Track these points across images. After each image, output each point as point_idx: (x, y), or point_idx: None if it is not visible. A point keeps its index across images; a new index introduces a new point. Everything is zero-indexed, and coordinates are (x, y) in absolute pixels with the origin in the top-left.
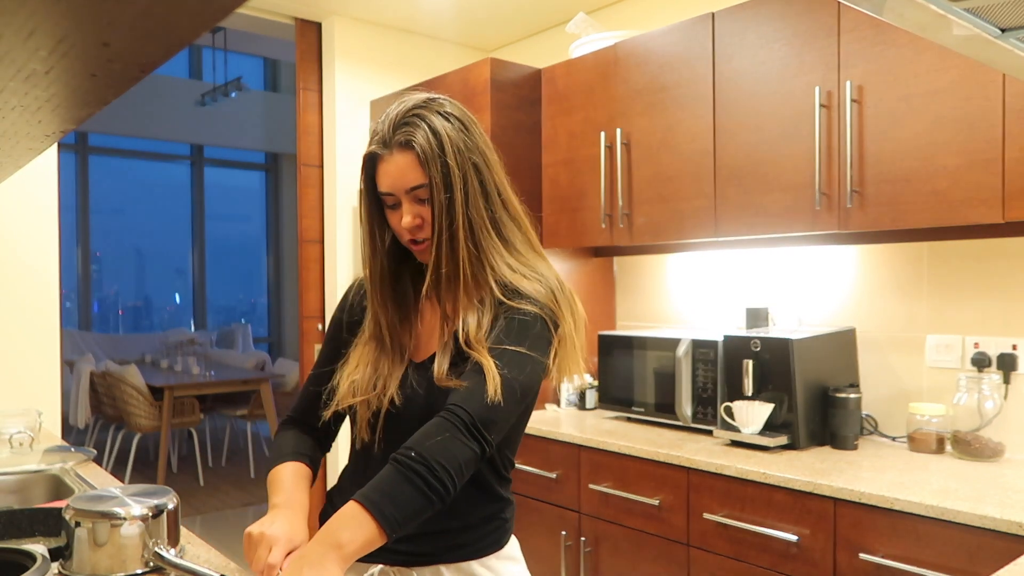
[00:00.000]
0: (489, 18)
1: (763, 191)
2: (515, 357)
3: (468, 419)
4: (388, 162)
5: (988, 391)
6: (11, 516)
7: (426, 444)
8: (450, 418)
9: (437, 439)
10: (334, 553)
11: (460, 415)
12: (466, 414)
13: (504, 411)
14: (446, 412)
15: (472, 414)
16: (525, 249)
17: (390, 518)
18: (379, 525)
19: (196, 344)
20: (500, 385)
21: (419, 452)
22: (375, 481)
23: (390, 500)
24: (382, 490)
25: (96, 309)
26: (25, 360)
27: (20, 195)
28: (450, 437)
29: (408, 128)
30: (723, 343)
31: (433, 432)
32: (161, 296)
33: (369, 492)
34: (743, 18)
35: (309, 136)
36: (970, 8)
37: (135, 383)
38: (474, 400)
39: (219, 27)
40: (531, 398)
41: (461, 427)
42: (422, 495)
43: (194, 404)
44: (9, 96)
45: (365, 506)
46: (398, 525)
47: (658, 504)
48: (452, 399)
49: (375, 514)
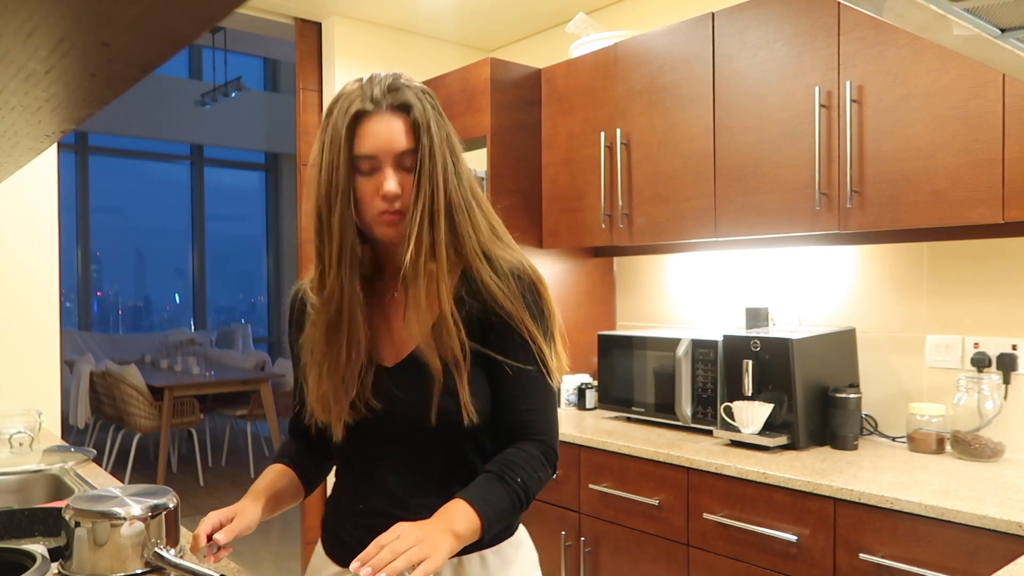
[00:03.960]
0: (489, 18)
1: (763, 191)
2: (543, 348)
3: (553, 457)
4: (377, 122)
5: (988, 391)
6: (11, 516)
7: (529, 473)
8: (545, 453)
9: (537, 474)
10: (452, 536)
11: (550, 453)
12: (552, 452)
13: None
14: (541, 446)
15: (555, 449)
16: (494, 234)
17: (487, 527)
18: (482, 530)
19: (196, 344)
20: (555, 395)
21: (525, 482)
22: (488, 492)
23: (497, 518)
24: (491, 503)
25: (96, 309)
26: (25, 360)
27: (20, 195)
28: (542, 477)
29: (400, 93)
30: (723, 343)
31: (535, 464)
32: (161, 296)
33: (485, 507)
34: (743, 18)
35: (309, 136)
36: (970, 8)
37: (135, 383)
38: (553, 430)
39: (219, 27)
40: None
41: (548, 466)
42: (513, 515)
43: (194, 404)
44: (9, 96)
45: (478, 512)
46: (487, 534)
47: (658, 504)
48: (533, 428)
49: (483, 522)
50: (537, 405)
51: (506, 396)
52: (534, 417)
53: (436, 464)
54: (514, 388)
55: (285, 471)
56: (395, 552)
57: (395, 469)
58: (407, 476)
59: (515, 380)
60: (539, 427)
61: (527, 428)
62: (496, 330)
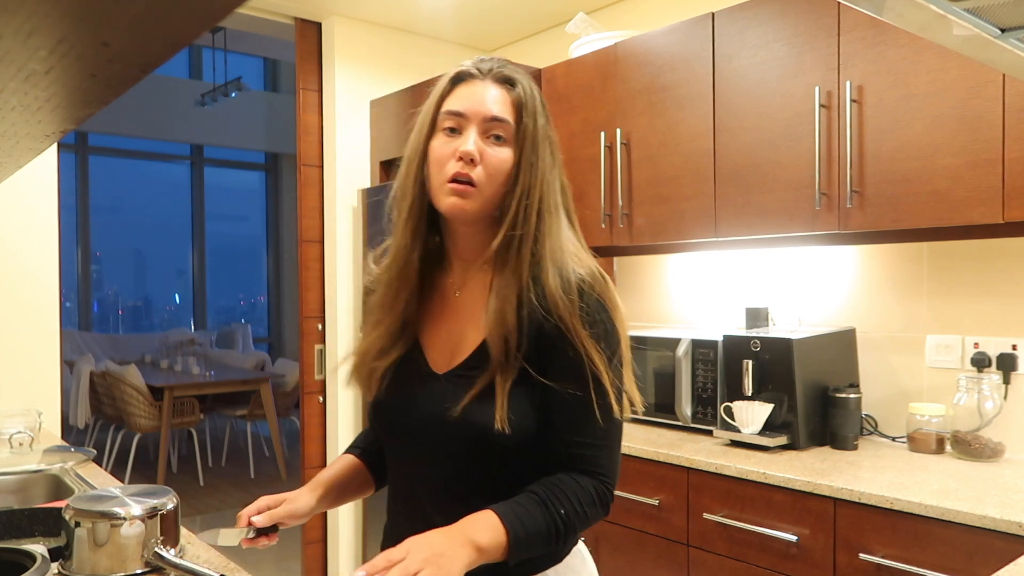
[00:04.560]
0: (489, 18)
1: (763, 191)
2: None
3: (608, 498)
4: (476, 85)
5: (988, 391)
6: (11, 516)
7: (575, 507)
8: (599, 491)
9: (584, 510)
10: (471, 547)
11: (605, 493)
12: (607, 493)
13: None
14: (596, 483)
15: (611, 490)
16: (567, 243)
17: (513, 549)
18: (507, 550)
19: (196, 344)
20: (618, 428)
21: (568, 514)
22: (524, 512)
23: (527, 542)
24: (524, 524)
25: (96, 309)
26: (25, 360)
27: (20, 195)
28: (589, 515)
29: (508, 70)
30: (723, 343)
31: (584, 499)
32: (161, 296)
33: (516, 525)
34: (743, 18)
35: (309, 136)
36: (970, 8)
37: (135, 383)
38: (612, 468)
39: (219, 27)
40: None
41: (600, 505)
42: (546, 546)
43: (194, 404)
44: (9, 96)
45: (507, 528)
46: (512, 557)
47: (658, 504)
48: (585, 464)
49: (510, 541)
50: (589, 438)
51: (554, 424)
52: (585, 452)
53: (467, 482)
54: (564, 415)
55: (354, 463)
56: (405, 573)
57: (427, 483)
58: (438, 493)
59: (565, 406)
60: (594, 463)
61: (576, 462)
62: (551, 346)
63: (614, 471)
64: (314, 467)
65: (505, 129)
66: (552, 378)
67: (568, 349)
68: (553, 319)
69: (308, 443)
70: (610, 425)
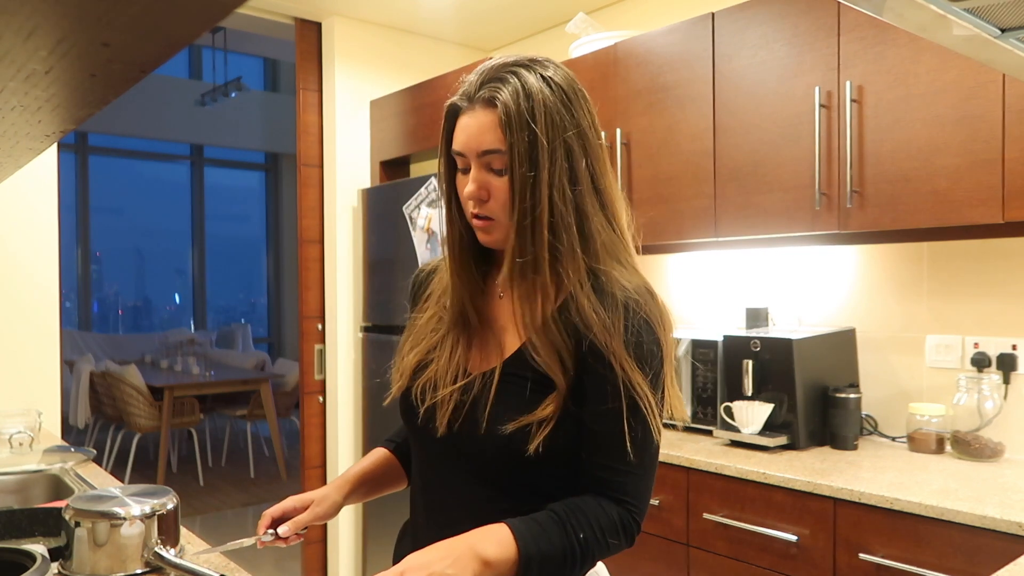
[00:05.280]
0: (489, 18)
1: (763, 191)
2: (643, 395)
3: (633, 528)
4: (467, 117)
5: (988, 391)
6: (11, 516)
7: (596, 533)
8: (624, 520)
9: (606, 539)
10: (479, 561)
11: (630, 523)
12: (633, 523)
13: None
14: (622, 511)
15: (638, 520)
16: (605, 255)
17: (524, 567)
18: (517, 568)
19: (196, 344)
20: (653, 454)
21: (587, 540)
22: (539, 530)
23: (539, 562)
24: (538, 543)
25: (96, 309)
26: (25, 360)
27: (20, 195)
28: (611, 544)
29: (497, 84)
30: (723, 343)
31: (606, 526)
32: (161, 296)
33: (528, 543)
34: (743, 18)
35: (309, 136)
36: (970, 8)
37: (135, 383)
38: (641, 497)
39: (219, 27)
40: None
41: (624, 536)
42: (560, 570)
43: (194, 404)
44: (9, 96)
45: (518, 544)
46: (521, 575)
47: (658, 504)
48: (612, 489)
49: (520, 558)
50: (619, 463)
51: (584, 446)
52: (614, 477)
53: (491, 483)
54: (596, 438)
55: (386, 456)
56: None
57: (450, 480)
58: (460, 489)
59: (596, 428)
60: (622, 489)
61: (603, 487)
62: (584, 365)
63: (643, 500)
64: (314, 467)
65: (499, 158)
66: (587, 397)
67: (605, 370)
68: (590, 337)
69: (308, 443)
70: (644, 452)
